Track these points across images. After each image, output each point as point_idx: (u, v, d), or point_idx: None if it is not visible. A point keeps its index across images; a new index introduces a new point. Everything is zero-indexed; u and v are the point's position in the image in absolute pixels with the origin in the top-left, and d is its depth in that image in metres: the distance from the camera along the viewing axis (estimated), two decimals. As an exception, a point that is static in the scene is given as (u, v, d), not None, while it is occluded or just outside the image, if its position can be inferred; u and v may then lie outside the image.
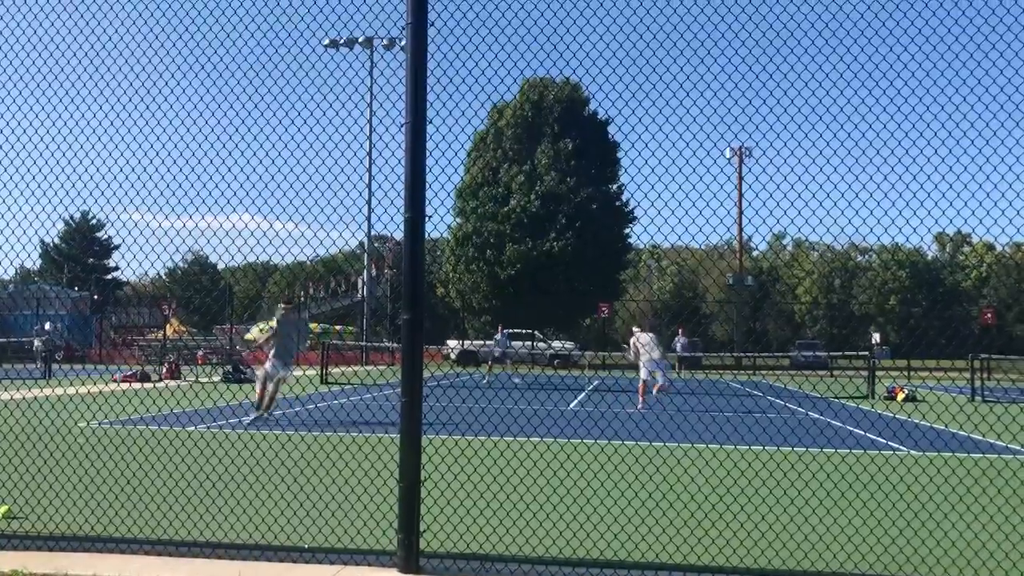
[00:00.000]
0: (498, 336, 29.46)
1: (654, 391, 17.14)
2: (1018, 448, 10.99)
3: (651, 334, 17.51)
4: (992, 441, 11.60)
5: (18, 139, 6.04)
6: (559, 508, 6.56)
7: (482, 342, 40.64)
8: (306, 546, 5.27)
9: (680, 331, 34.36)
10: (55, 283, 52.64)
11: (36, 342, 30.74)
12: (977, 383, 20.83)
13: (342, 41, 35.84)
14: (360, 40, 36.64)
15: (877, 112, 5.23)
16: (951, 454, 9.80)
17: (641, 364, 17.01)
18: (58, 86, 5.98)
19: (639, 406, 16.60)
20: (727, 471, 8.50)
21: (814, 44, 5.15)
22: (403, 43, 5.25)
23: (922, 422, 13.80)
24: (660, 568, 4.90)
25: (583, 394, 20.96)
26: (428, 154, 5.15)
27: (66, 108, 5.96)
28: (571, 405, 17.17)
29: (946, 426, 13.04)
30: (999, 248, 69.24)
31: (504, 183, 45.47)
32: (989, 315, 41.60)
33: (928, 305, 65.71)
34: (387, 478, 7.53)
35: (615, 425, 12.60)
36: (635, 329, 17.88)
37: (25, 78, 6.06)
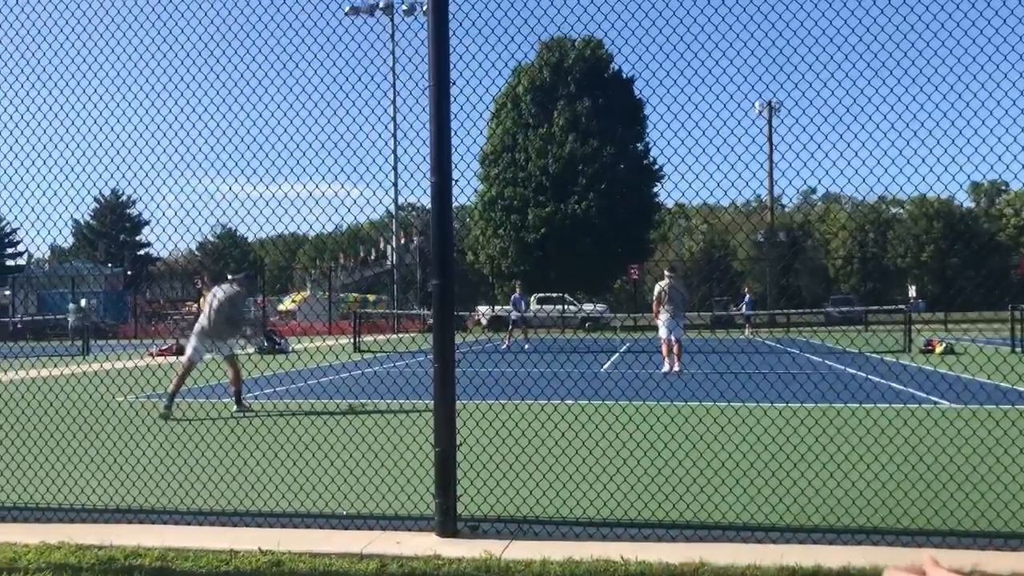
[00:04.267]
0: (514, 296, 26.50)
1: (671, 360, 15.23)
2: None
3: (680, 283, 15.69)
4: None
5: (44, 116, 6.04)
6: (595, 470, 6.54)
7: (511, 307, 40.63)
8: (344, 513, 5.30)
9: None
10: (88, 260, 53.36)
11: (70, 319, 31.30)
12: (1017, 334, 20.49)
13: (363, 8, 35.63)
14: (381, 6, 36.40)
15: (906, 65, 5.04)
16: (995, 406, 9.63)
17: (660, 321, 15.35)
18: (80, 60, 5.95)
19: (672, 368, 15.01)
20: (764, 429, 8.43)
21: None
22: (424, 7, 5.16)
23: (963, 375, 13.58)
24: (699, 528, 4.86)
25: (616, 355, 20.91)
26: (453, 117, 5.06)
27: (90, 83, 5.94)
28: (604, 367, 17.13)
29: (988, 377, 12.82)
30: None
31: (524, 147, 45.15)
32: (1027, 265, 40.83)
33: (965, 257, 64.65)
34: (423, 443, 7.56)
35: (649, 385, 12.55)
36: (667, 273, 15.92)
37: (47, 54, 6.03)
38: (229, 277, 11.15)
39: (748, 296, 36.82)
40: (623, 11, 5.32)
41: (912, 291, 47.19)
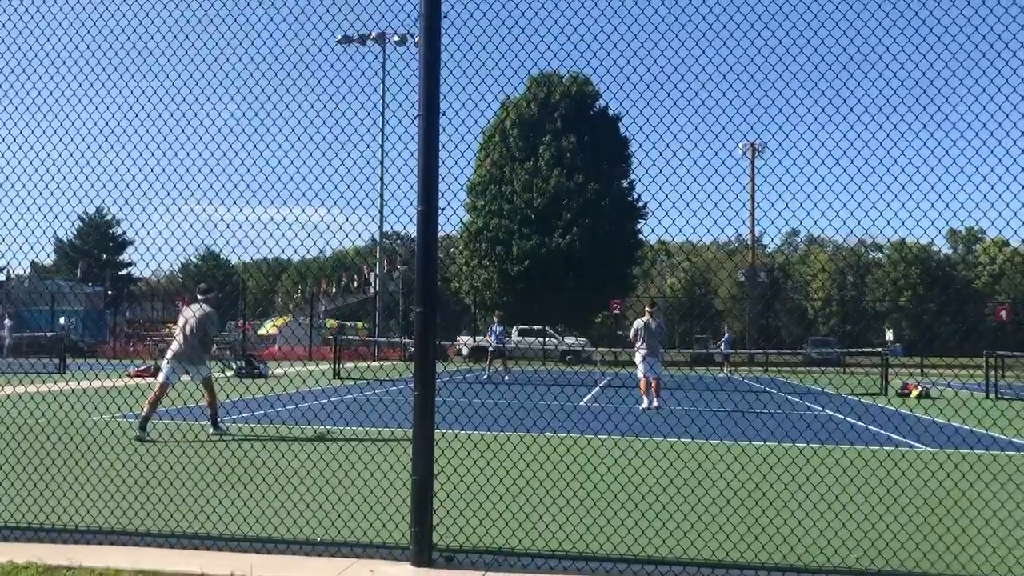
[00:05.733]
0: (493, 327, 26.89)
1: (649, 396, 15.33)
2: (1035, 445, 10.88)
3: (661, 321, 16.00)
4: (1010, 438, 11.50)
5: (32, 132, 6.05)
6: (572, 502, 6.53)
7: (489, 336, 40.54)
8: (319, 539, 5.26)
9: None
10: (69, 279, 52.87)
11: (5, 337, 30.90)
12: (992, 380, 20.68)
13: (355, 37, 35.85)
14: (373, 35, 36.63)
15: (887, 112, 5.16)
16: (970, 450, 9.71)
17: (638, 358, 15.62)
18: (71, 79, 5.98)
19: (651, 404, 15.13)
20: (742, 466, 8.45)
21: (831, 35, 5.08)
22: (416, 38, 5.22)
23: (939, 419, 13.68)
24: (675, 564, 4.86)
25: (596, 388, 20.91)
26: (441, 147, 5.11)
27: (79, 101, 5.96)
28: (583, 400, 17.13)
29: (964, 422, 12.94)
30: (1013, 245, 68.77)
31: (510, 180, 45.47)
32: (1004, 312, 41.31)
33: (942, 302, 65.33)
34: (400, 472, 7.52)
35: (628, 420, 12.56)
36: (648, 309, 16.10)
37: (39, 71, 6.06)
38: (199, 297, 11.11)
39: (728, 334, 37.14)
40: (612, 49, 5.42)
41: (889, 335, 47.60)
